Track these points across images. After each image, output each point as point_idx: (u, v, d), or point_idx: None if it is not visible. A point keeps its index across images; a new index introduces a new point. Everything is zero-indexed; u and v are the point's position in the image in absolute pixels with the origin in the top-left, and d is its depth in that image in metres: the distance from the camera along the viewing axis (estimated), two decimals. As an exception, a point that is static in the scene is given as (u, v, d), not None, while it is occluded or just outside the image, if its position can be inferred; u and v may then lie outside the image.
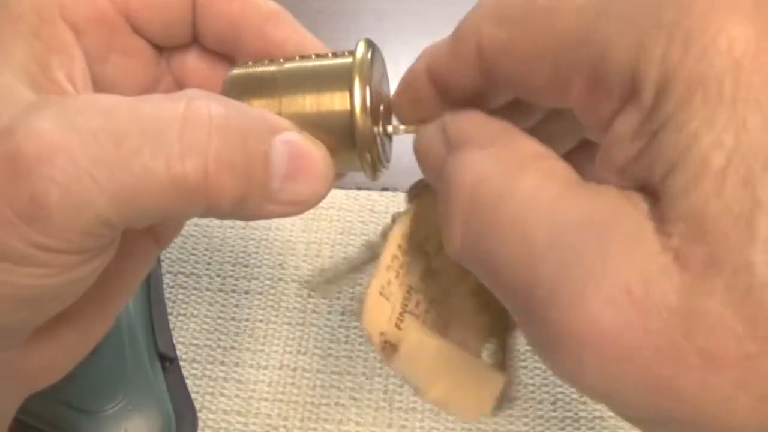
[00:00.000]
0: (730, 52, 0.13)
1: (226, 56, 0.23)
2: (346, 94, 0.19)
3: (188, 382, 0.37)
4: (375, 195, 0.44)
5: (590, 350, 0.13)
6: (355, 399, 0.37)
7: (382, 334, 0.19)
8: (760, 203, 0.12)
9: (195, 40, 0.23)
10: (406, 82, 0.20)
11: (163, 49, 0.24)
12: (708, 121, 0.13)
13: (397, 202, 0.45)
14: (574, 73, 0.15)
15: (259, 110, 0.19)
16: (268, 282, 0.41)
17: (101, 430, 0.33)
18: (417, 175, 0.21)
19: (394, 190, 0.46)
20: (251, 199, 0.18)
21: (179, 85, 0.24)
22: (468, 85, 0.18)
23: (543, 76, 0.16)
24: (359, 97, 0.19)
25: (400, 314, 0.20)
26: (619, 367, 0.13)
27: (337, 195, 0.44)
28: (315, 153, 0.19)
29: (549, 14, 0.16)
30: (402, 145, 0.21)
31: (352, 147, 0.20)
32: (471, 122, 0.18)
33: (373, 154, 0.20)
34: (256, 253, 0.42)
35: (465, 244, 0.16)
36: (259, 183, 0.18)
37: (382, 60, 0.22)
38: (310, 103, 0.20)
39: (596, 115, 0.15)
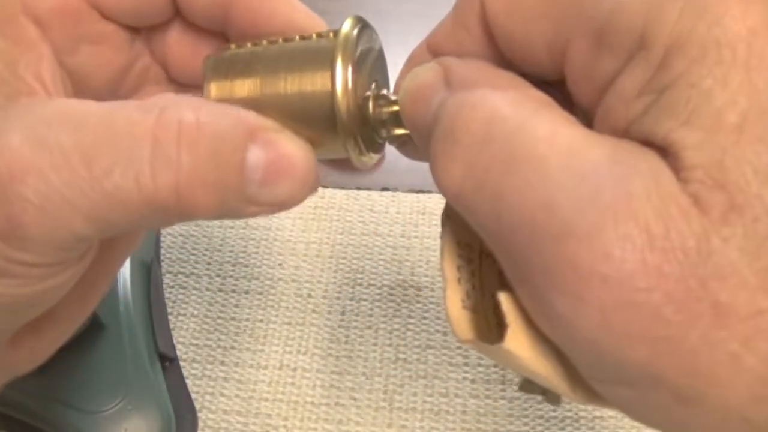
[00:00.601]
0: (744, 20, 0.13)
1: (212, 31, 0.22)
2: (328, 74, 0.18)
3: (188, 382, 0.37)
4: (375, 195, 0.44)
5: (597, 289, 0.13)
6: (355, 399, 0.37)
7: (479, 342, 0.18)
8: None
9: (176, 15, 0.22)
10: (408, 61, 0.19)
11: (139, 28, 0.23)
12: (722, 81, 0.13)
13: (397, 202, 0.45)
14: (577, 31, 0.15)
15: (236, 111, 0.18)
16: (268, 282, 0.41)
17: (101, 430, 0.33)
18: (418, 175, 0.20)
19: (394, 190, 0.46)
20: (229, 205, 0.18)
21: (159, 63, 0.23)
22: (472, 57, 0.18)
23: (544, 35, 0.16)
24: (341, 76, 0.18)
25: (497, 324, 0.18)
26: (623, 313, 0.13)
27: (337, 195, 0.44)
28: (294, 153, 0.18)
29: None
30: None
31: (335, 131, 0.19)
32: (479, 67, 0.17)
33: (360, 139, 0.19)
34: (256, 253, 0.42)
35: (467, 180, 0.16)
36: (234, 191, 0.17)
37: (377, 40, 0.21)
38: (290, 84, 0.19)
39: (596, 75, 0.15)
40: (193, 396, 0.36)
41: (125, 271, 0.37)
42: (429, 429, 0.36)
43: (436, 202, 0.45)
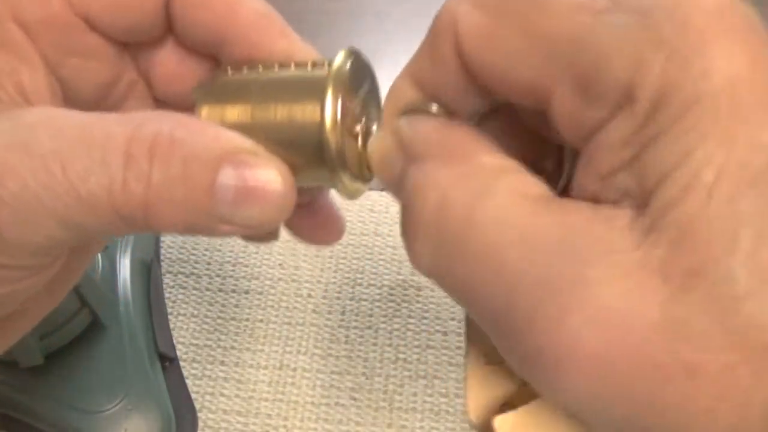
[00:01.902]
0: (727, 69, 0.13)
1: (202, 54, 0.22)
2: (317, 105, 0.18)
3: (188, 382, 0.37)
4: (375, 195, 0.44)
5: (571, 370, 0.13)
6: (355, 399, 0.37)
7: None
8: (744, 218, 0.13)
9: (167, 34, 0.22)
10: (389, 95, 0.19)
11: (129, 44, 0.23)
12: (702, 136, 0.13)
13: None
14: (561, 77, 0.15)
15: (214, 130, 0.18)
16: (268, 282, 0.41)
17: (101, 430, 0.33)
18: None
19: (394, 190, 0.46)
20: (198, 223, 0.18)
21: (145, 79, 0.23)
22: (450, 88, 0.18)
23: (524, 75, 0.16)
24: (330, 108, 0.18)
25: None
26: (602, 384, 0.13)
27: (337, 195, 0.44)
28: (269, 177, 0.18)
29: (539, 8, 0.15)
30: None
31: (323, 162, 0.19)
32: (428, 130, 0.17)
33: (346, 170, 0.19)
34: (256, 253, 0.42)
35: (434, 265, 0.16)
36: (203, 211, 0.17)
37: (370, 72, 0.21)
38: (281, 112, 0.19)
39: (581, 121, 0.15)
40: (193, 396, 0.36)
41: (125, 271, 0.37)
42: (429, 429, 0.36)
43: (436, 202, 0.45)
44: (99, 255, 0.36)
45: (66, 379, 0.33)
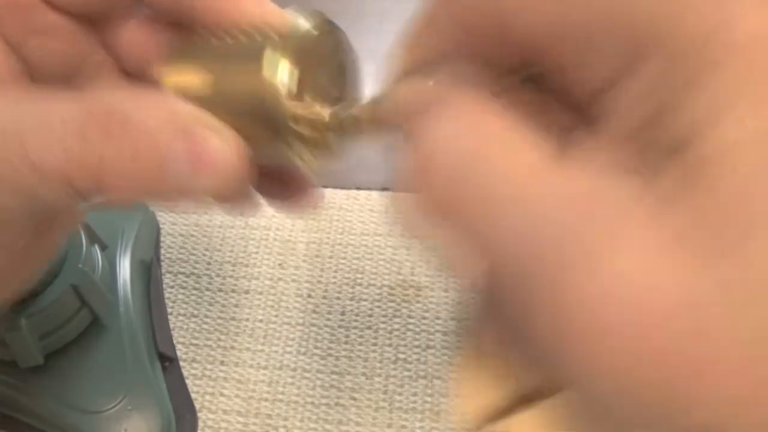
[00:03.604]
0: (758, 32, 0.12)
1: (171, 24, 0.22)
2: (272, 72, 0.18)
3: (188, 382, 0.37)
4: (375, 195, 0.44)
5: (609, 327, 0.12)
6: (355, 399, 0.37)
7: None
8: None
9: (132, 6, 0.22)
10: (390, 62, 0.18)
11: (96, 20, 0.23)
12: (734, 95, 0.12)
13: (398, 202, 0.45)
14: (589, 20, 0.14)
15: (168, 107, 0.19)
16: (268, 282, 0.41)
17: (101, 430, 0.33)
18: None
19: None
20: (152, 194, 0.19)
21: (113, 56, 0.23)
22: (448, 54, 0.17)
23: (545, 18, 0.14)
24: (279, 74, 0.18)
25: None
26: (626, 362, 0.12)
27: (337, 195, 0.44)
28: (219, 148, 0.18)
29: None
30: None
31: (277, 136, 0.18)
32: (430, 89, 0.16)
33: (304, 144, 0.18)
34: (256, 253, 0.42)
35: (441, 216, 0.14)
36: (156, 183, 0.18)
37: (346, 44, 0.20)
38: (237, 82, 0.19)
39: (602, 70, 0.14)
40: (193, 396, 0.36)
41: (125, 271, 0.37)
42: (429, 429, 0.36)
43: (436, 202, 0.45)
44: (99, 255, 0.36)
45: (66, 379, 0.33)
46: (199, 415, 0.36)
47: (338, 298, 0.40)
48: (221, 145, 0.19)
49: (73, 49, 0.22)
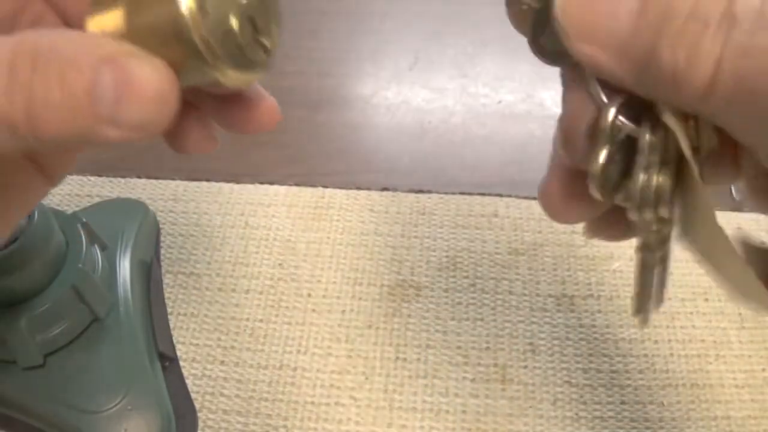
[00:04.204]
0: None
1: None
2: None
3: (188, 381, 0.37)
4: (375, 195, 0.44)
5: None
6: (355, 399, 0.37)
7: None
8: None
9: None
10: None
11: None
12: None
13: (397, 202, 0.45)
14: None
15: (93, 38, 0.19)
16: (268, 282, 0.41)
17: (101, 430, 0.33)
18: (417, 175, 0.20)
19: (394, 190, 0.46)
20: (83, 127, 0.19)
21: (56, 11, 0.23)
22: None
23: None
24: None
25: None
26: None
27: (337, 195, 0.44)
28: (146, 74, 0.19)
29: None
30: (401, 145, 0.21)
31: (197, 54, 0.19)
32: None
33: (224, 61, 0.19)
34: (256, 253, 0.42)
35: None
36: (84, 113, 0.18)
37: None
38: (152, 12, 0.19)
39: None
40: (193, 396, 0.36)
41: (125, 271, 0.37)
42: (429, 429, 0.36)
43: (435, 202, 0.45)
44: (99, 255, 0.36)
45: (66, 379, 0.33)
46: (199, 414, 0.36)
47: (338, 298, 0.40)
48: (148, 70, 0.19)
49: (9, 3, 0.23)
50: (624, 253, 0.43)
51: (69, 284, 0.33)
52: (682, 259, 0.43)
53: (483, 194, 0.46)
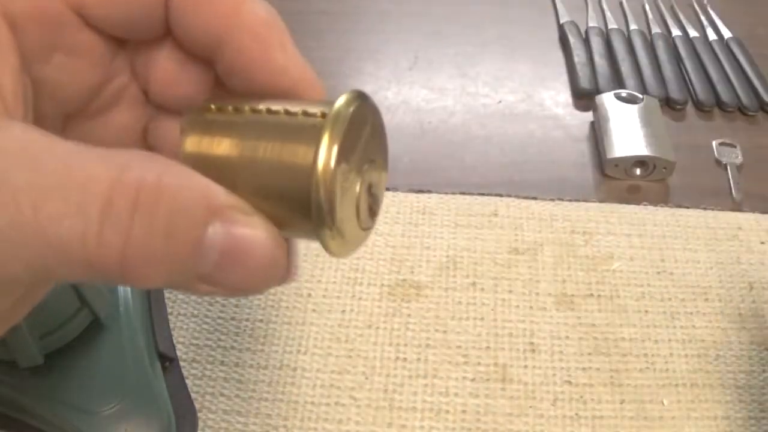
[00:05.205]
0: None
1: (200, 58, 0.21)
2: (311, 150, 0.17)
3: (188, 382, 0.37)
4: (375, 195, 0.44)
5: None
6: (355, 399, 0.37)
7: None
8: None
9: (166, 35, 0.21)
10: None
11: (124, 43, 0.21)
12: None
13: (397, 202, 0.45)
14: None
15: (204, 183, 0.17)
16: (268, 282, 0.41)
17: (101, 430, 0.33)
18: (417, 175, 0.20)
19: (394, 190, 0.46)
20: (178, 281, 0.17)
21: (140, 82, 0.22)
22: None
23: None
24: (324, 156, 0.16)
25: None
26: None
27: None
28: (258, 239, 0.17)
29: None
30: (401, 144, 0.21)
31: (309, 214, 0.17)
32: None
33: (335, 226, 0.17)
34: (256, 253, 0.42)
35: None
36: (184, 269, 0.16)
37: (375, 112, 0.19)
38: (269, 155, 0.17)
39: None
40: (193, 396, 0.36)
41: (125, 271, 0.37)
42: (429, 428, 0.36)
43: (436, 202, 0.45)
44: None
45: (66, 379, 0.33)
46: (199, 415, 0.36)
47: (338, 298, 0.40)
48: (260, 233, 0.17)
49: (99, 72, 0.21)
50: (624, 253, 0.43)
51: (69, 284, 0.33)
52: (682, 259, 0.43)
53: (483, 194, 0.46)
